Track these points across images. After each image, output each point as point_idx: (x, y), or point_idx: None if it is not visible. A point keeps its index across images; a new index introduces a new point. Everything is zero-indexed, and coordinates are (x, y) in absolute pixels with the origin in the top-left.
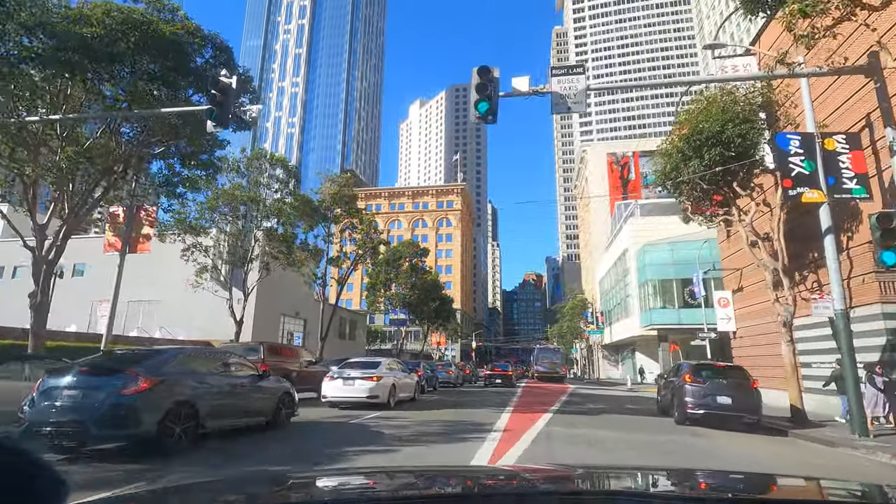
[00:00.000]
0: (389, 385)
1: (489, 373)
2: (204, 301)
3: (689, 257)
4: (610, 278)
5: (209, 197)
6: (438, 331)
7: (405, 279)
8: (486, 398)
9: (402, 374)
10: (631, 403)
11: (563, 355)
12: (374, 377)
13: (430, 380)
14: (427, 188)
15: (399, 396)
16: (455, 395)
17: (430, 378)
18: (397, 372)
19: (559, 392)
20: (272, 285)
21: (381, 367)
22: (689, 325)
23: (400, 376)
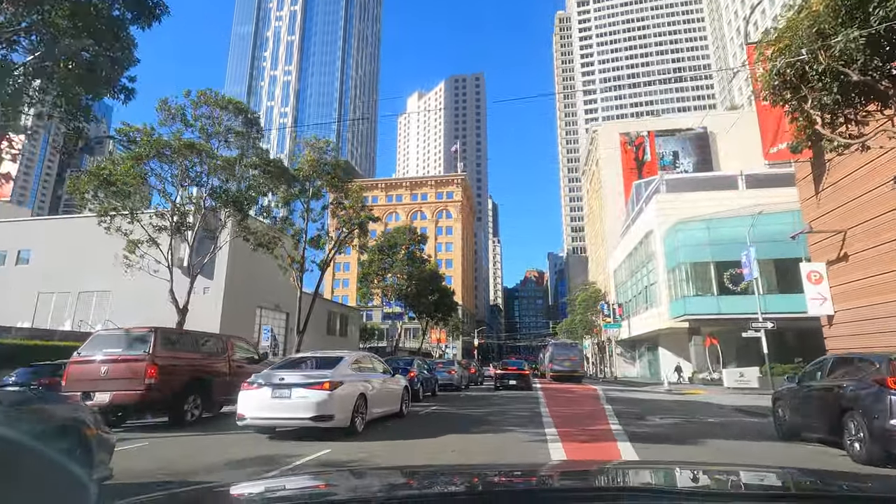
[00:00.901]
0: (355, 396)
1: (501, 372)
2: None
3: (731, 236)
4: (626, 267)
5: (133, 150)
6: (438, 326)
7: (401, 268)
8: (506, 409)
9: (380, 378)
10: (707, 415)
11: (582, 351)
12: (326, 384)
13: (426, 382)
14: (426, 178)
15: (374, 413)
16: (460, 404)
17: (427, 381)
18: (372, 374)
19: (591, 396)
20: (247, 274)
21: (340, 367)
22: (731, 315)
23: (375, 382)
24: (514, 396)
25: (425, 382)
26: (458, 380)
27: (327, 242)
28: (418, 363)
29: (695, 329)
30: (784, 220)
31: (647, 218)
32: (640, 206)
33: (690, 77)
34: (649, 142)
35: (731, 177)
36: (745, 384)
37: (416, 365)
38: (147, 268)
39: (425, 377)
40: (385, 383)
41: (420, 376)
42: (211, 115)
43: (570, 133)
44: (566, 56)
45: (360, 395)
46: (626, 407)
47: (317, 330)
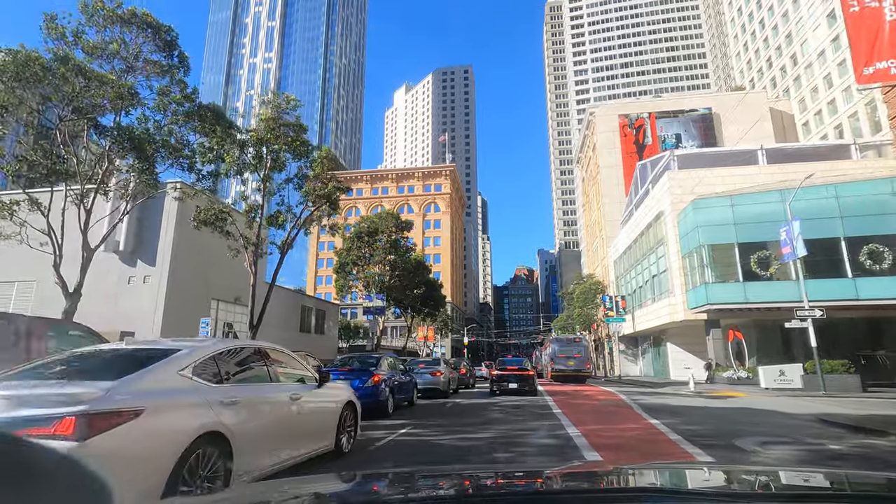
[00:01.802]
0: (172, 449)
1: (498, 373)
2: (110, 281)
3: (759, 214)
4: (629, 257)
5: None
6: (425, 323)
7: (382, 257)
8: (514, 430)
9: (282, 394)
10: (805, 434)
11: (587, 348)
12: (64, 423)
13: (400, 389)
14: (413, 170)
15: (265, 466)
16: (446, 422)
17: (402, 386)
18: (258, 386)
19: (620, 405)
20: (200, 261)
21: (140, 378)
22: (760, 304)
23: (263, 401)
24: (518, 405)
25: (398, 389)
26: (445, 383)
27: (289, 220)
28: (390, 362)
29: (713, 321)
30: (821, 195)
31: (656, 199)
32: (645, 188)
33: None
34: (650, 124)
35: (749, 152)
36: (787, 384)
37: (387, 365)
38: (26, 239)
39: (399, 382)
40: (297, 403)
41: (390, 381)
42: (119, 39)
43: (562, 125)
44: (557, 45)
45: (198, 439)
46: (683, 422)
47: (288, 326)
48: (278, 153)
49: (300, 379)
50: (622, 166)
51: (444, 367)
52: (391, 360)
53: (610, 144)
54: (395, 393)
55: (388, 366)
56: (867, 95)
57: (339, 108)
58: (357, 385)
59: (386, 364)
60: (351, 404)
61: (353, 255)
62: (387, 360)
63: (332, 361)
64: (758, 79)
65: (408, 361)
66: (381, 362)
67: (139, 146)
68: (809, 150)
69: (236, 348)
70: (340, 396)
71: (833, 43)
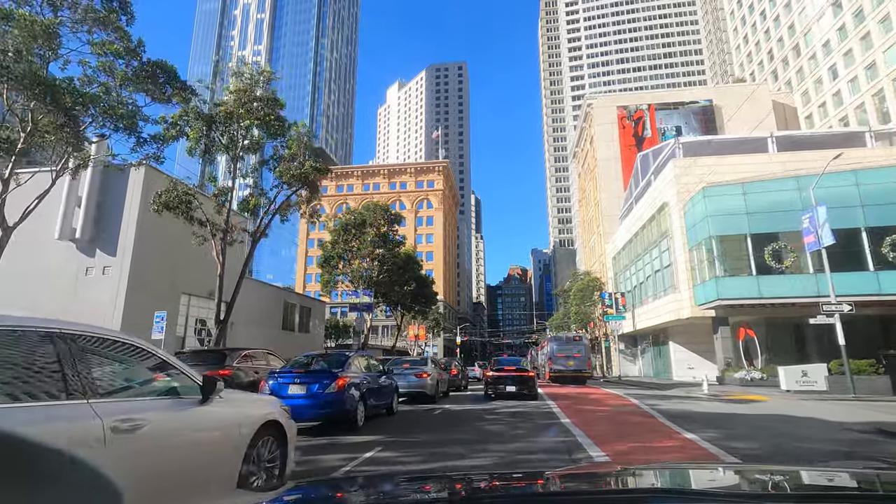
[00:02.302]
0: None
1: (494, 374)
2: (66, 272)
3: (774, 203)
4: (628, 252)
5: None
6: (416, 321)
7: (370, 250)
8: (521, 457)
9: (149, 412)
10: (870, 448)
11: (588, 347)
12: None
13: (375, 395)
14: (405, 166)
15: None
16: (429, 440)
17: (377, 392)
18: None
19: (638, 413)
20: (168, 252)
21: None
22: (774, 299)
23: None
24: (518, 413)
25: (373, 394)
26: (433, 386)
27: (262, 205)
28: (364, 362)
29: (722, 319)
30: (840, 182)
31: (660, 189)
32: (647, 180)
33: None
34: (649, 116)
35: (758, 139)
36: (810, 386)
37: (358, 365)
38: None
39: (373, 386)
40: (136, 434)
41: (362, 385)
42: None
43: (557, 121)
44: (552, 40)
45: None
46: (726, 436)
47: (269, 324)
48: (250, 130)
49: (166, 390)
50: (620, 159)
51: (431, 368)
52: (364, 359)
53: (608, 137)
54: (369, 400)
55: (361, 366)
56: (874, 86)
57: (329, 102)
58: (315, 391)
59: (357, 364)
60: (273, 426)
61: (339, 248)
62: (358, 359)
63: (292, 360)
64: (758, 72)
65: (390, 361)
66: (349, 362)
67: (55, 97)
68: (821, 138)
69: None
70: (249, 416)
71: (839, 32)
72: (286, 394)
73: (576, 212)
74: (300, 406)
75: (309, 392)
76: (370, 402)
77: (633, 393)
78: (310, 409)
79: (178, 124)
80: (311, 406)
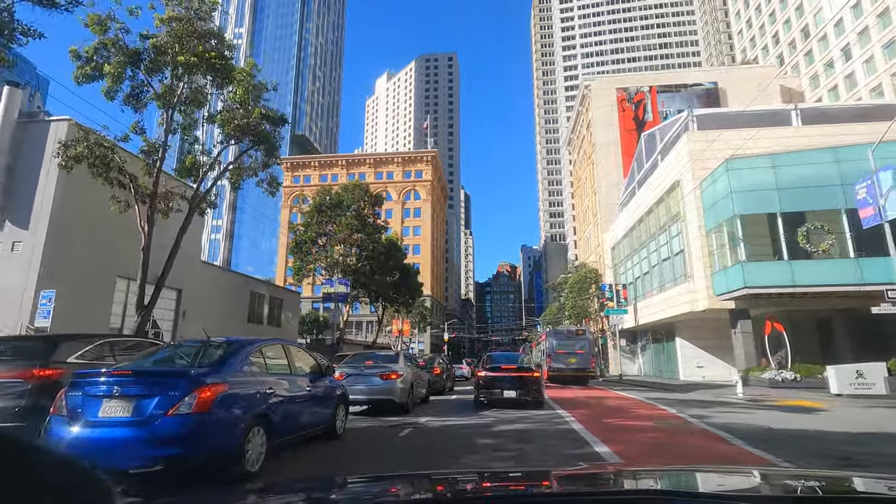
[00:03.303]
0: None
1: (489, 375)
2: None
3: (810, 177)
4: (630, 241)
5: None
6: (400, 314)
7: (347, 233)
8: None
9: None
10: None
11: (591, 342)
12: None
13: (294, 414)
14: (392, 155)
15: None
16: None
17: (305, 405)
18: None
19: (698, 433)
20: (101, 227)
21: None
22: (812, 288)
23: None
24: (527, 437)
25: (286, 413)
26: (404, 391)
27: (204, 166)
28: (273, 354)
29: (742, 311)
30: (883, 155)
31: (671, 167)
32: (652, 161)
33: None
34: (651, 99)
35: (780, 112)
36: (866, 389)
37: (252, 362)
38: None
39: (292, 396)
40: None
41: (257, 398)
42: None
43: (549, 112)
44: (545, 30)
45: None
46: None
47: (231, 315)
48: (189, 73)
49: None
50: (620, 144)
51: (403, 366)
52: (278, 349)
53: (607, 121)
54: (278, 421)
55: (265, 364)
56: (894, 65)
57: (314, 89)
58: (150, 412)
59: (257, 360)
60: None
61: (312, 231)
62: (264, 350)
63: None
64: (762, 56)
65: (347, 358)
66: (238, 358)
67: None
68: (851, 110)
69: None
70: None
71: (853, 10)
72: (94, 418)
73: (568, 205)
74: (118, 442)
75: (138, 415)
76: (281, 424)
77: (652, 397)
78: (136, 449)
79: (95, 60)
80: (138, 443)
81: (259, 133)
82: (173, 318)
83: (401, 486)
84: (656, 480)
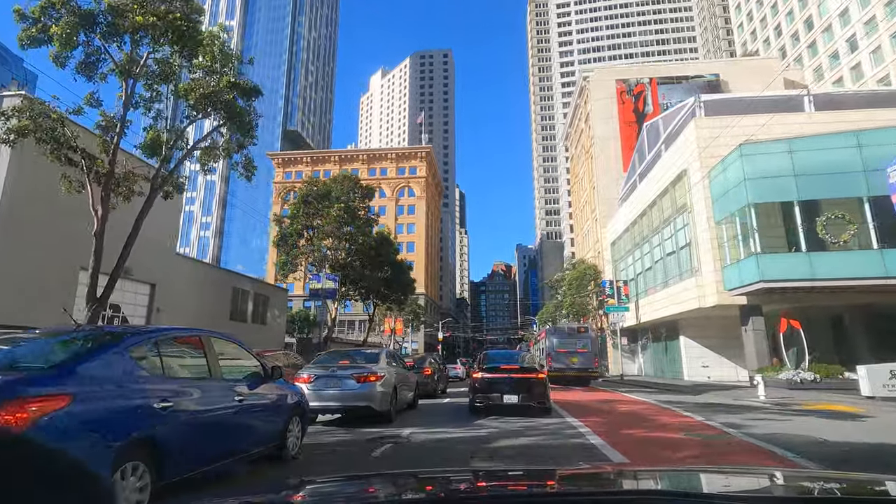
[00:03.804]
0: None
1: (486, 376)
2: None
3: (831, 163)
4: (631, 236)
5: None
6: (392, 313)
7: (334, 225)
8: None
9: None
10: None
11: (595, 340)
12: None
13: (223, 433)
14: (386, 151)
15: None
16: None
17: (240, 420)
18: None
19: (747, 451)
20: (61, 214)
21: None
22: (833, 281)
23: None
24: (527, 452)
25: (200, 442)
26: (385, 396)
27: (168, 143)
28: (155, 351)
29: (753, 307)
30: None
31: (677, 156)
32: (656, 151)
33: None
34: (651, 91)
35: (792, 98)
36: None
37: (135, 363)
38: None
39: (225, 408)
40: None
41: (157, 416)
42: None
43: (545, 108)
44: (542, 25)
45: None
46: None
47: (211, 312)
48: (152, 37)
49: None
50: (619, 138)
51: (385, 367)
52: (199, 343)
53: (606, 113)
54: (176, 452)
55: (160, 367)
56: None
57: (307, 84)
58: None
59: (144, 361)
60: None
61: (298, 223)
62: (151, 344)
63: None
64: (763, 50)
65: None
66: (93, 358)
67: None
68: (866, 96)
69: None
70: None
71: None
72: None
73: (564, 204)
74: None
75: None
76: (184, 452)
77: (665, 400)
78: None
79: (42, 21)
80: None
81: (229, 106)
82: (146, 315)
83: (399, 486)
84: (657, 481)
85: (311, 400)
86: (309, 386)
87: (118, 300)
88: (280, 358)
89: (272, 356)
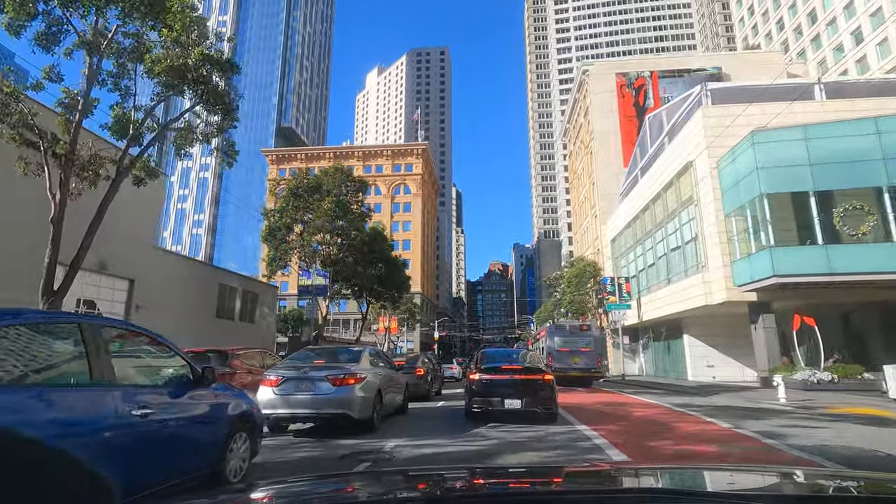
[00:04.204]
0: None
1: (485, 377)
2: None
3: (849, 152)
4: (633, 232)
5: None
6: (387, 311)
7: (326, 219)
8: None
9: None
10: None
11: (598, 339)
12: None
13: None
14: (381, 147)
15: None
16: None
17: (138, 445)
18: None
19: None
20: (30, 204)
21: None
22: (852, 276)
23: None
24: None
25: (74, 476)
26: (364, 403)
27: (136, 122)
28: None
29: (763, 304)
30: None
31: (682, 147)
32: (658, 143)
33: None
34: (652, 84)
35: (802, 86)
36: None
37: None
38: None
39: (117, 427)
40: None
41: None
42: None
43: (543, 106)
44: (539, 22)
45: None
46: None
47: (196, 310)
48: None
49: None
50: (620, 132)
51: (367, 368)
52: (74, 334)
53: (606, 107)
54: (36, 493)
55: (12, 370)
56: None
57: (301, 80)
58: None
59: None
60: None
61: (287, 217)
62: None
63: None
64: (765, 44)
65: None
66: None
67: None
68: (880, 84)
69: None
70: None
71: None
72: None
73: (562, 202)
74: None
75: None
76: (47, 490)
77: (677, 403)
78: None
79: None
80: None
81: (202, 81)
82: (124, 312)
83: (396, 485)
84: (658, 479)
85: (278, 406)
86: (276, 389)
87: (94, 296)
88: (255, 357)
89: (244, 354)
